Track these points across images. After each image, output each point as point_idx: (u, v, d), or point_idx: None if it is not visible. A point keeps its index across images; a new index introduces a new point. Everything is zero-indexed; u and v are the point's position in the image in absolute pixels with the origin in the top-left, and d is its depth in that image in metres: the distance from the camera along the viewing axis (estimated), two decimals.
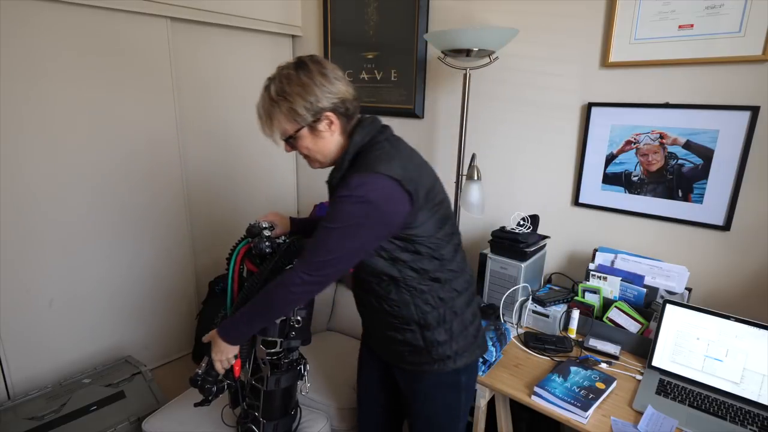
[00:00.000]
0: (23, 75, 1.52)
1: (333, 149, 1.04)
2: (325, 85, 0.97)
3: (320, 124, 0.99)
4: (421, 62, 1.99)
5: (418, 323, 1.06)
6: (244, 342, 1.15)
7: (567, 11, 1.59)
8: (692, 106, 1.41)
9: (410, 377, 1.14)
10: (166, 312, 2.10)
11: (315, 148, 1.03)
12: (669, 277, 1.46)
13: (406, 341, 1.08)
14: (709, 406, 1.16)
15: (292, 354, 1.23)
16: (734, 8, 1.30)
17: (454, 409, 1.16)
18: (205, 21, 1.97)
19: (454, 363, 1.09)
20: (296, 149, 1.05)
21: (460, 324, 1.08)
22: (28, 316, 1.65)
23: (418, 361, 1.09)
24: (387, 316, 1.08)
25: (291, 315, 1.17)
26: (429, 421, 1.18)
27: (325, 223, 0.96)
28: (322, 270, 0.97)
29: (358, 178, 0.92)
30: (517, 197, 1.84)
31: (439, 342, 1.07)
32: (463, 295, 1.10)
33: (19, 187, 1.57)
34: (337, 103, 0.99)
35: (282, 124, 0.99)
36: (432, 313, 1.05)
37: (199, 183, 2.13)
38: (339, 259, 0.97)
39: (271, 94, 0.98)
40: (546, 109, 1.70)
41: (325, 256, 0.96)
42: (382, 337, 1.15)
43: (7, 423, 1.43)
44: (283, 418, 1.28)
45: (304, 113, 0.96)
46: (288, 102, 0.96)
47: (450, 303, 1.07)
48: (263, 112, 1.01)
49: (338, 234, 0.94)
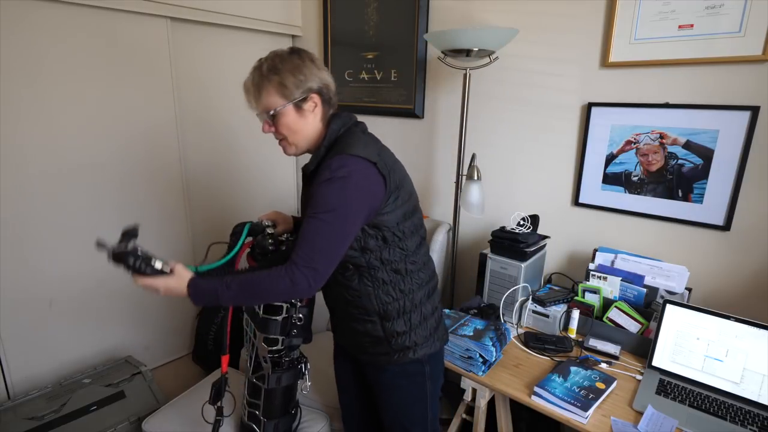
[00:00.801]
0: (23, 75, 1.52)
1: (311, 133, 1.07)
2: (314, 70, 1.04)
3: (306, 104, 1.03)
4: (421, 62, 1.99)
5: (379, 314, 1.10)
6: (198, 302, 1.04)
7: (567, 11, 1.59)
8: (692, 106, 1.41)
9: (374, 369, 1.17)
10: (166, 312, 2.10)
11: (296, 128, 1.05)
12: (669, 277, 1.46)
13: (367, 332, 1.12)
14: (709, 406, 1.16)
15: (293, 352, 1.23)
16: (734, 8, 1.30)
17: (421, 399, 1.19)
18: (204, 21, 1.97)
19: (414, 353, 1.12)
20: (275, 129, 1.06)
21: (419, 315, 1.13)
22: (28, 316, 1.65)
23: (379, 352, 1.13)
24: (349, 306, 1.11)
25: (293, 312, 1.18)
26: (397, 412, 1.20)
27: (313, 213, 0.96)
28: (321, 261, 0.97)
29: (339, 160, 0.96)
30: (517, 197, 1.84)
31: (398, 333, 1.10)
32: (423, 288, 1.14)
33: (19, 186, 1.57)
34: (323, 88, 1.05)
35: (270, 96, 1.02)
36: (392, 304, 1.09)
37: (199, 182, 2.13)
38: (335, 247, 0.98)
39: (263, 69, 1.02)
40: (546, 109, 1.70)
41: (322, 246, 0.96)
42: (346, 329, 1.17)
43: (7, 423, 1.43)
44: (284, 417, 1.29)
45: (293, 89, 1.01)
46: (279, 76, 1.00)
47: (410, 295, 1.11)
48: (251, 85, 1.04)
49: (329, 220, 0.95)
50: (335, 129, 1.06)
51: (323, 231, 0.96)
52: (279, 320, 1.16)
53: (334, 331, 1.28)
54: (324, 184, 0.96)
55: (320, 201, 0.96)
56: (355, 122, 1.11)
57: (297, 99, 1.02)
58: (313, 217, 0.96)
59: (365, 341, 1.14)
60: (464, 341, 1.35)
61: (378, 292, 1.08)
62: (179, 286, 1.00)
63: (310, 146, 1.09)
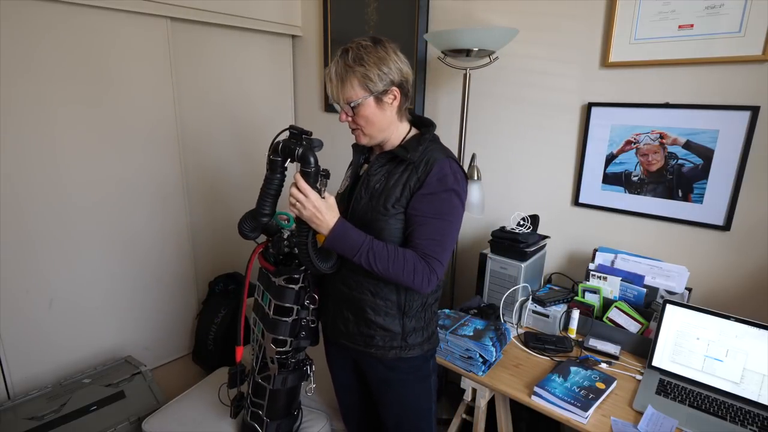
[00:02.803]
0: (23, 75, 1.52)
1: (387, 125, 1.09)
2: (398, 62, 1.05)
3: (386, 96, 1.05)
4: (421, 62, 1.99)
5: (400, 307, 1.12)
6: (335, 246, 1.02)
7: (567, 11, 1.58)
8: (692, 106, 1.41)
9: (382, 366, 1.17)
10: (166, 312, 2.10)
11: (374, 120, 1.06)
12: (669, 277, 1.46)
13: (384, 326, 1.12)
14: (709, 406, 1.16)
15: (299, 354, 1.23)
16: (734, 8, 1.30)
17: (426, 393, 1.22)
18: (205, 21, 1.97)
19: (422, 349, 1.16)
20: (353, 119, 1.07)
21: (430, 312, 1.19)
22: (28, 316, 1.65)
23: (391, 346, 1.13)
24: (376, 298, 1.11)
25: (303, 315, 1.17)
26: (405, 408, 1.21)
27: (440, 215, 1.03)
28: (446, 258, 1.05)
29: (453, 170, 1.06)
30: (517, 197, 1.84)
31: (412, 330, 1.14)
32: (437, 292, 1.21)
33: (19, 187, 1.57)
34: (404, 81, 1.07)
35: (353, 89, 1.03)
36: (416, 301, 1.13)
37: (199, 183, 2.13)
38: (452, 246, 1.08)
39: (348, 60, 1.02)
40: (546, 109, 1.70)
41: (448, 245, 1.06)
42: (357, 321, 1.15)
43: (7, 423, 1.43)
44: (286, 417, 1.28)
45: (377, 81, 1.02)
46: (364, 68, 1.01)
47: (431, 295, 1.17)
48: (335, 75, 1.04)
49: (453, 221, 1.06)
50: (432, 131, 1.13)
51: (449, 232, 1.05)
52: (289, 322, 1.15)
53: (331, 327, 1.23)
54: (447, 192, 1.04)
55: (446, 206, 1.04)
56: None
57: (379, 92, 1.03)
58: (440, 219, 1.03)
59: (378, 335, 1.13)
60: (464, 341, 1.35)
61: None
62: (329, 215, 1.00)
63: (384, 137, 1.11)
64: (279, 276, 1.14)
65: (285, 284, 1.14)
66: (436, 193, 1.03)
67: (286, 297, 1.14)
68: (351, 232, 1.01)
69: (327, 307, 1.22)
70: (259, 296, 1.25)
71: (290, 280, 1.14)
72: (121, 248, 1.88)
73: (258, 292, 1.25)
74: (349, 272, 1.13)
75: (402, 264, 1.00)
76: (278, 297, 1.14)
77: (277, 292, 1.14)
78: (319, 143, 1.01)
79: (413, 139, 1.11)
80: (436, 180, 1.03)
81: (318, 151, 1.00)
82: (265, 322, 1.18)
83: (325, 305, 1.23)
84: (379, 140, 1.11)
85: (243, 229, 1.15)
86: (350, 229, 1.01)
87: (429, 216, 1.03)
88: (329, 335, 1.26)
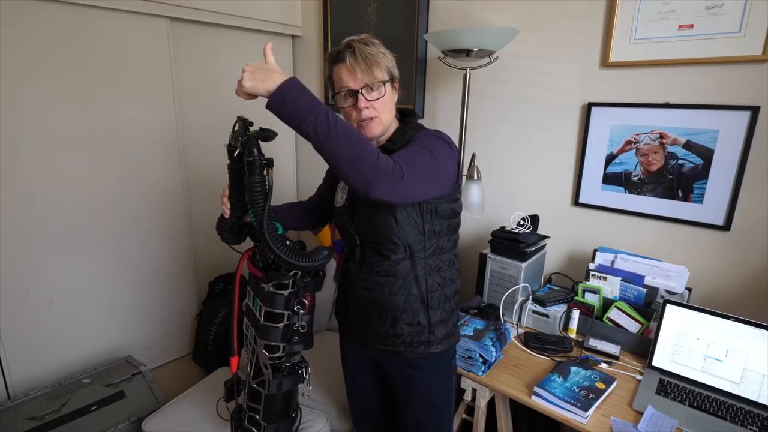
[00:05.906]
0: (23, 75, 1.52)
1: (393, 115, 1.12)
2: (393, 60, 1.10)
3: (395, 85, 1.10)
4: (421, 62, 1.99)
5: (423, 300, 1.12)
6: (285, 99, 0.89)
7: (567, 11, 1.58)
8: (692, 106, 1.41)
9: (407, 365, 1.16)
10: (166, 312, 2.10)
11: (389, 107, 1.09)
12: (669, 277, 1.46)
13: (411, 321, 1.12)
14: (709, 406, 1.16)
15: (293, 358, 1.23)
16: (734, 8, 1.30)
17: (448, 394, 1.22)
18: (205, 21, 1.97)
19: (448, 343, 1.16)
20: (370, 103, 1.04)
21: (451, 305, 1.18)
22: (28, 316, 1.65)
23: (418, 342, 1.13)
24: (397, 296, 1.11)
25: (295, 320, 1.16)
26: (427, 407, 1.20)
27: (416, 144, 1.02)
28: (412, 173, 0.94)
29: (435, 130, 1.09)
30: (517, 197, 1.84)
31: (439, 321, 1.14)
32: (457, 281, 1.20)
33: (19, 186, 1.57)
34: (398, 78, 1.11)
35: (380, 70, 1.05)
36: (437, 292, 1.13)
37: (199, 182, 2.13)
38: (426, 174, 0.98)
39: (368, 44, 1.04)
40: (546, 109, 1.70)
41: (419, 164, 0.98)
42: (383, 321, 1.14)
43: (7, 423, 1.43)
44: (284, 420, 1.28)
45: (393, 69, 1.08)
46: (383, 55, 1.06)
47: (451, 285, 1.16)
48: (360, 58, 1.02)
49: (430, 152, 1.00)
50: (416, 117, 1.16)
51: (422, 156, 0.99)
52: (280, 328, 1.14)
53: (357, 333, 1.23)
54: (424, 133, 1.06)
55: (423, 140, 1.03)
56: None
57: (395, 78, 1.09)
58: (419, 147, 1.00)
59: (405, 331, 1.12)
60: (464, 341, 1.35)
61: (429, 279, 1.11)
62: (275, 74, 0.90)
63: (389, 128, 1.12)
64: (268, 282, 1.13)
65: (275, 290, 1.12)
66: (418, 138, 1.06)
67: (276, 303, 1.13)
68: (306, 91, 0.89)
69: (349, 313, 1.22)
70: (250, 302, 1.24)
71: (280, 286, 1.12)
72: (122, 248, 1.88)
73: (249, 298, 1.25)
74: (366, 275, 1.14)
75: (363, 142, 0.89)
76: (268, 303, 1.13)
77: (267, 298, 1.13)
78: (273, 133, 1.03)
79: (398, 131, 1.12)
80: (418, 137, 1.06)
81: (272, 140, 1.02)
82: (257, 327, 1.18)
83: (346, 311, 1.22)
84: (386, 131, 1.11)
85: (221, 229, 1.17)
86: (306, 89, 0.89)
87: (408, 147, 1.02)
88: (351, 330, 1.25)
